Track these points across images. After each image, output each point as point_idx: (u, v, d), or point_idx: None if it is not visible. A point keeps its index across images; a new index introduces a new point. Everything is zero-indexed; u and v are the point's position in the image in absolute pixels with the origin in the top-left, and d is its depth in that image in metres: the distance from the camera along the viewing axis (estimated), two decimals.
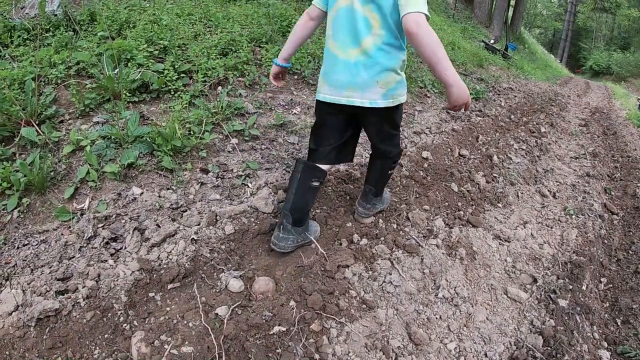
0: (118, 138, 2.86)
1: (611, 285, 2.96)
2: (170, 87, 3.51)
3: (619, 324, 2.57)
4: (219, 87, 3.78)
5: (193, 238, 2.36)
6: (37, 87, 3.08)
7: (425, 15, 1.93)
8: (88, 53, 3.45)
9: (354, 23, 2.12)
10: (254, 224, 2.54)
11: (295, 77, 4.58)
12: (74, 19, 4.04)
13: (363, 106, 2.21)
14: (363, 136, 2.67)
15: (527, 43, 31.11)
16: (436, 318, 2.28)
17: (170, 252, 2.26)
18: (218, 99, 3.54)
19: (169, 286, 2.09)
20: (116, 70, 3.29)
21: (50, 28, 3.90)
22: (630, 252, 3.43)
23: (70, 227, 2.33)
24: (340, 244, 2.61)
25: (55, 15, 4.06)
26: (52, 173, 2.60)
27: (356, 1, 2.09)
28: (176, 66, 3.70)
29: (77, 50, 3.58)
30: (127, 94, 3.26)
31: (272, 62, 4.20)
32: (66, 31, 3.86)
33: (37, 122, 2.89)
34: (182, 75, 3.70)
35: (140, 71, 3.46)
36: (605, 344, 2.39)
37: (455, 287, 2.49)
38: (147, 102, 3.41)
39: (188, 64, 3.78)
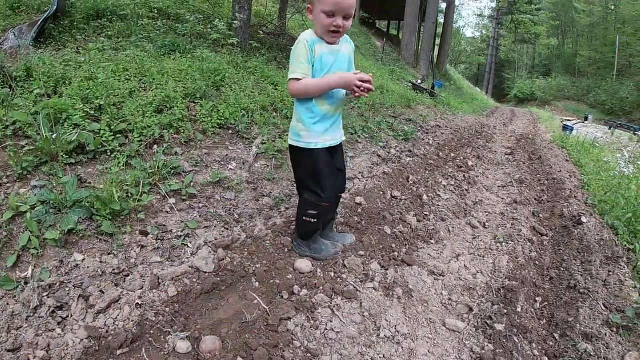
0: (57, 203, 2.91)
1: (546, 303, 3.15)
2: (106, 148, 3.57)
3: (557, 338, 2.74)
4: (155, 146, 3.88)
5: (137, 303, 2.42)
6: None
7: (291, 79, 2.65)
8: (24, 112, 3.48)
9: None
10: (196, 284, 2.63)
11: (230, 131, 4.73)
12: (10, 74, 4.04)
13: None
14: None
15: (454, 79, 32.61)
16: (380, 357, 2.37)
17: (117, 317, 2.32)
18: (154, 159, 3.63)
19: (118, 352, 2.14)
20: (54, 135, 3.33)
21: None
22: (562, 268, 3.66)
23: (15, 296, 2.36)
24: (282, 297, 2.70)
25: None
26: None
27: None
28: (112, 126, 3.76)
29: (13, 108, 3.59)
30: (64, 155, 3.31)
31: (206, 118, 4.38)
32: (2, 87, 3.85)
33: None
34: (118, 135, 3.75)
35: (77, 132, 3.51)
36: (546, 359, 2.56)
37: (396, 326, 2.59)
38: (84, 163, 3.46)
39: (124, 124, 3.85)
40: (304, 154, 2.85)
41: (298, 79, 2.62)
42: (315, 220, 3.00)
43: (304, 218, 3.00)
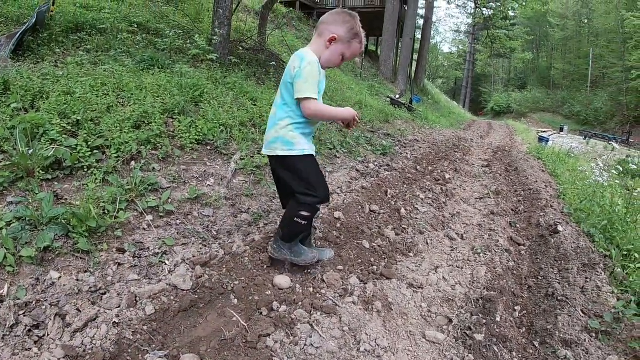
0: (33, 220, 2.88)
1: (525, 312, 3.19)
2: (83, 164, 3.54)
3: (537, 345, 2.78)
4: (132, 162, 3.86)
5: (115, 321, 2.41)
6: None
7: (310, 98, 2.77)
8: (1, 126, 3.45)
9: None
10: (174, 302, 2.62)
11: (208, 147, 4.72)
12: None
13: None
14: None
15: (431, 94, 33.02)
16: None
17: (94, 336, 2.30)
18: (132, 175, 3.61)
19: None
20: (31, 151, 3.30)
21: None
22: (540, 277, 3.71)
23: None
24: (261, 313, 2.69)
25: None
26: None
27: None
28: (89, 142, 3.73)
29: None
30: (41, 171, 3.28)
31: (184, 134, 4.38)
32: None
33: None
34: (95, 150, 3.72)
35: (53, 147, 3.49)
36: None
37: (376, 339, 2.59)
38: (60, 179, 3.43)
39: (101, 139, 3.82)
40: (298, 160, 2.94)
41: (315, 99, 2.80)
42: (306, 222, 3.03)
43: (295, 219, 3.01)
